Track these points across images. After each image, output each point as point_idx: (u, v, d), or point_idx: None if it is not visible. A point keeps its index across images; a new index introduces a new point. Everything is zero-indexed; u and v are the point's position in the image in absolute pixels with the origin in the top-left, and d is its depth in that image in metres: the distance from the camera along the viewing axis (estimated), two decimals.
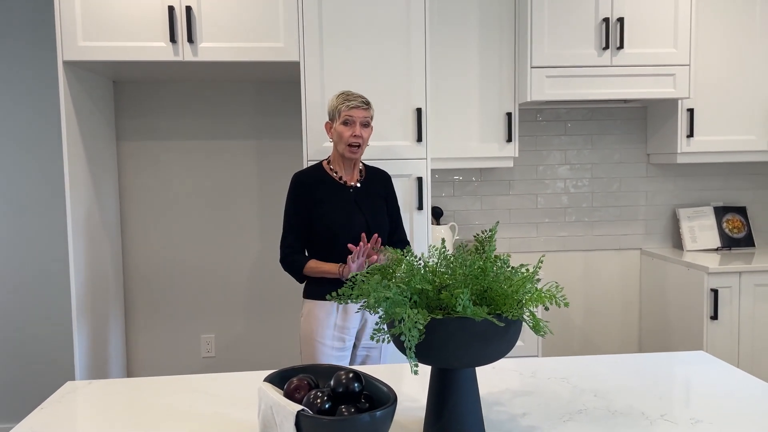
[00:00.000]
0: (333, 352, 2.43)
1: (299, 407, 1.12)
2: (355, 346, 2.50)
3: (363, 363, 2.54)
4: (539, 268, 1.23)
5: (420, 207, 2.84)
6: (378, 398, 1.22)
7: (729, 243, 3.58)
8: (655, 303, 3.55)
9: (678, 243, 3.67)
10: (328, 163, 2.43)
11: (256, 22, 2.80)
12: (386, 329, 1.20)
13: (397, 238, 2.52)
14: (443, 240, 1.44)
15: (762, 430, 1.30)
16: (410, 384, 1.61)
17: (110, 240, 3.27)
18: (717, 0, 3.28)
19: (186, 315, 3.53)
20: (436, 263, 1.28)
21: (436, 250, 1.27)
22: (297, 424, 1.12)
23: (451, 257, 1.23)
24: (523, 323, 1.39)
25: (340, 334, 2.42)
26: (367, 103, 2.35)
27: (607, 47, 3.10)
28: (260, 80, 3.45)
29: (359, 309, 1.26)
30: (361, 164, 2.45)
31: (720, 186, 3.70)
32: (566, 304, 1.11)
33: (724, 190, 3.70)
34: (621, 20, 3.09)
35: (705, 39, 3.29)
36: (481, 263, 1.23)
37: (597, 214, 3.66)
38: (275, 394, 1.19)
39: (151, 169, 3.45)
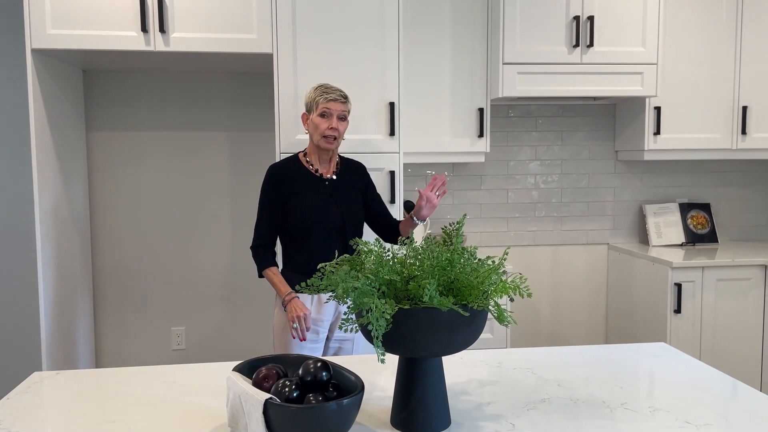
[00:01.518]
0: (307, 344, 2.44)
1: (267, 395, 1.14)
2: (328, 339, 2.51)
3: (336, 355, 2.56)
4: (504, 260, 1.26)
5: (392, 200, 2.86)
6: (346, 387, 1.24)
7: (693, 239, 3.67)
8: (621, 296, 3.63)
9: (644, 238, 3.75)
10: (305, 155, 2.43)
11: (229, 12, 2.78)
12: (354, 319, 1.22)
13: (387, 221, 2.54)
14: (412, 232, 1.46)
15: (715, 416, 1.35)
16: (381, 375, 1.63)
17: (79, 232, 3.23)
18: (684, 2, 3.35)
19: (156, 307, 3.51)
20: (405, 255, 1.30)
21: (405, 242, 1.29)
22: (265, 412, 1.13)
23: (419, 249, 1.25)
24: (489, 314, 1.42)
25: (314, 326, 2.43)
26: (345, 97, 2.35)
27: (577, 45, 3.15)
28: (233, 71, 3.43)
29: (328, 299, 1.28)
30: (337, 157, 2.46)
31: (685, 183, 3.79)
32: (529, 295, 1.14)
33: (689, 187, 3.79)
34: (591, 19, 3.15)
35: (672, 39, 3.36)
36: (448, 255, 1.26)
37: (566, 209, 3.73)
38: (243, 383, 1.20)
39: (121, 160, 3.41)
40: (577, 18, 3.14)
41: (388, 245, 2.56)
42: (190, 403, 1.44)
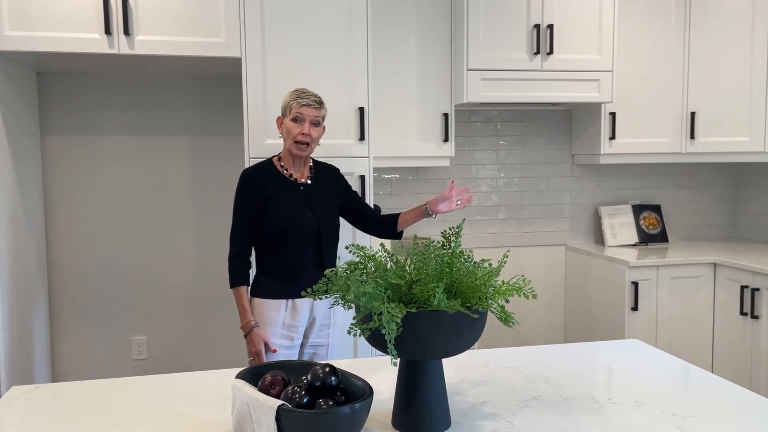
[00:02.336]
0: (281, 351, 2.43)
1: (279, 402, 1.14)
2: (302, 345, 2.51)
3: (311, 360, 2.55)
4: (504, 263, 1.29)
5: None
6: (353, 391, 1.25)
7: (646, 239, 3.83)
8: (579, 296, 3.75)
9: (600, 239, 3.89)
10: (279, 159, 2.42)
11: (196, 15, 2.74)
12: (360, 324, 1.23)
13: (373, 214, 2.57)
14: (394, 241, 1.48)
15: (698, 408, 1.43)
16: (373, 377, 1.65)
17: (34, 238, 3.12)
18: (637, 12, 3.50)
19: (115, 316, 3.41)
20: (405, 259, 1.32)
21: (413, 246, 1.31)
22: (277, 419, 1.13)
23: (423, 253, 1.27)
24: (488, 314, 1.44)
25: (289, 332, 2.42)
26: (320, 102, 2.34)
27: (538, 52, 3.25)
28: (198, 75, 3.38)
29: (332, 305, 1.28)
30: (311, 161, 2.46)
31: (637, 185, 3.95)
32: (534, 296, 1.18)
33: (641, 189, 3.96)
34: (551, 27, 3.25)
35: (626, 47, 3.51)
36: (449, 258, 1.29)
37: (525, 211, 3.83)
38: (252, 390, 1.19)
39: (78, 165, 3.31)
40: (537, 26, 3.24)
41: (389, 247, 2.60)
42: (188, 413, 1.42)
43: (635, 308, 3.31)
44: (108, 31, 2.65)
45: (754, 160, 3.48)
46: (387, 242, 3.42)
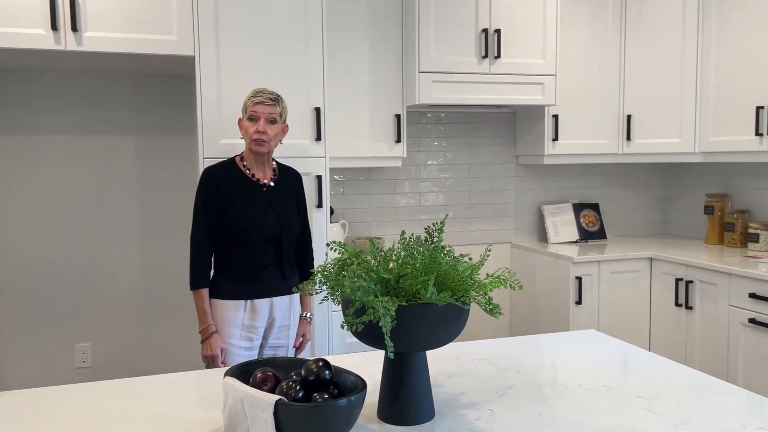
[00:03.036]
0: (240, 352, 2.42)
1: (277, 397, 1.15)
2: (261, 346, 2.50)
3: None
4: (487, 257, 1.35)
5: (319, 205, 2.89)
6: (344, 385, 1.27)
7: (586, 236, 4.00)
8: (524, 291, 3.88)
9: (543, 236, 4.04)
10: (241, 159, 2.40)
11: (148, 12, 2.69)
12: (353, 317, 1.26)
13: (304, 238, 2.55)
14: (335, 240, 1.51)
15: (660, 390, 1.53)
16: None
17: None
18: (578, 19, 3.66)
19: (57, 322, 3.29)
20: (390, 253, 1.35)
21: (401, 240, 1.34)
22: (275, 414, 1.14)
23: (410, 247, 1.31)
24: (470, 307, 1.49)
25: (248, 333, 2.41)
26: (274, 99, 2.33)
27: (486, 56, 3.35)
28: (145, 73, 3.30)
29: (322, 301, 1.30)
30: (274, 162, 2.45)
31: (577, 185, 4.13)
32: (520, 287, 1.24)
33: (580, 189, 4.13)
34: (498, 32, 3.36)
35: (568, 52, 3.66)
36: (433, 253, 1.33)
37: (473, 211, 3.93)
38: (246, 387, 1.20)
39: (19, 165, 3.17)
40: (485, 31, 3.34)
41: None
42: (170, 414, 1.40)
43: (579, 302, 3.46)
44: (54, 26, 2.56)
45: (684, 160, 3.70)
46: (340, 238, 3.44)
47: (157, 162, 3.38)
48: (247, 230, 2.34)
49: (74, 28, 2.58)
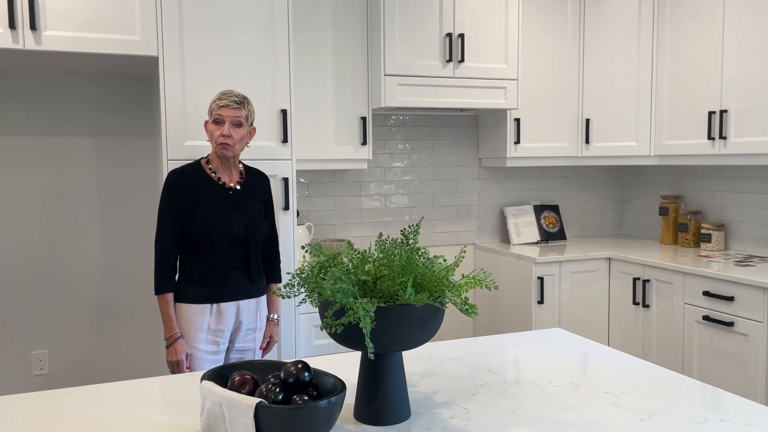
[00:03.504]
0: (207, 356, 2.39)
1: (257, 400, 1.15)
2: (228, 350, 2.48)
3: None
4: (462, 258, 1.37)
5: (286, 207, 2.88)
6: (323, 386, 1.28)
7: (546, 237, 4.09)
8: (488, 292, 3.94)
9: (505, 238, 4.11)
10: (207, 162, 2.38)
11: (110, 12, 2.63)
12: (331, 320, 1.26)
13: (272, 240, 2.54)
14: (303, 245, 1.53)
15: (626, 386, 1.58)
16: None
17: None
18: (539, 24, 3.75)
19: (13, 329, 3.19)
20: (366, 255, 1.37)
21: (378, 242, 1.36)
22: (256, 416, 1.14)
23: (388, 249, 1.32)
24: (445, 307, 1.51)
25: (214, 337, 2.39)
26: (240, 103, 2.31)
27: (450, 60, 3.39)
28: (110, 74, 3.23)
29: (300, 303, 1.31)
30: (240, 165, 2.43)
31: (538, 187, 4.21)
32: (496, 287, 1.27)
33: (541, 191, 4.22)
34: (462, 36, 3.41)
35: (530, 57, 3.74)
36: (409, 254, 1.35)
37: (437, 212, 3.97)
38: (225, 391, 1.19)
39: None
40: (449, 35, 3.38)
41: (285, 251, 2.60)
42: (146, 420, 1.39)
43: (541, 301, 3.53)
44: (12, 25, 2.49)
45: (640, 163, 3.82)
46: (306, 240, 3.43)
47: (118, 164, 3.31)
48: (213, 234, 2.31)
49: (33, 26, 2.52)
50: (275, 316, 2.56)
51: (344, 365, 1.76)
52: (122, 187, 3.32)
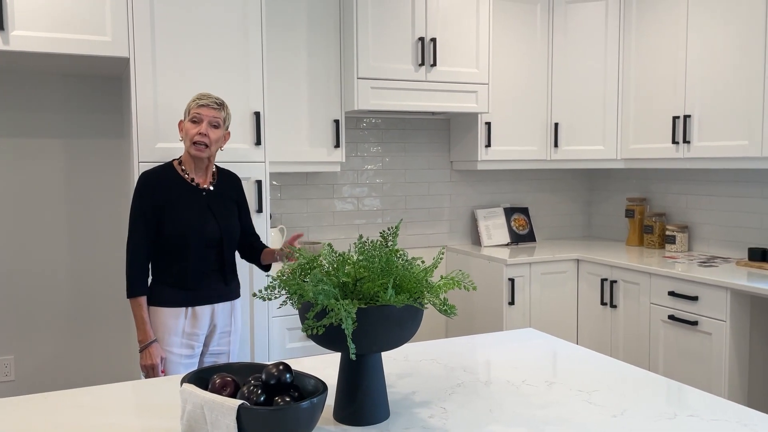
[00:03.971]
0: (181, 360, 2.38)
1: (240, 402, 1.15)
2: (202, 353, 2.46)
3: None
4: (440, 260, 1.40)
5: (260, 210, 2.87)
6: (304, 387, 1.29)
7: (516, 239, 4.15)
8: (459, 293, 3.98)
9: (476, 240, 4.16)
10: (180, 163, 2.36)
11: (80, 12, 2.60)
12: (313, 320, 1.27)
13: (250, 240, 2.54)
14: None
15: (598, 383, 1.62)
16: None
17: None
18: (509, 29, 3.81)
19: None
20: (346, 257, 1.38)
21: (357, 244, 1.37)
22: (238, 418, 1.14)
23: (368, 252, 1.34)
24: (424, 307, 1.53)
25: (189, 341, 2.38)
26: (219, 104, 2.32)
27: (422, 64, 3.43)
28: (79, 74, 3.18)
29: (281, 305, 1.31)
30: (213, 167, 2.42)
31: (508, 189, 4.27)
32: (474, 288, 1.29)
33: (511, 193, 4.28)
34: (434, 41, 3.44)
35: (501, 62, 3.80)
36: (388, 256, 1.37)
37: (409, 215, 4.00)
38: (207, 393, 1.19)
39: None
40: (422, 39, 3.42)
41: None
42: (125, 424, 1.38)
43: (512, 302, 3.58)
44: None
45: (607, 166, 3.90)
46: (279, 243, 3.43)
47: (87, 165, 3.26)
48: (187, 236, 2.30)
49: (1, 26, 2.47)
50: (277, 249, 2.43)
51: (321, 368, 1.77)
52: (91, 188, 3.27)
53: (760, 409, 2.95)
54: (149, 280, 2.35)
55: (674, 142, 3.45)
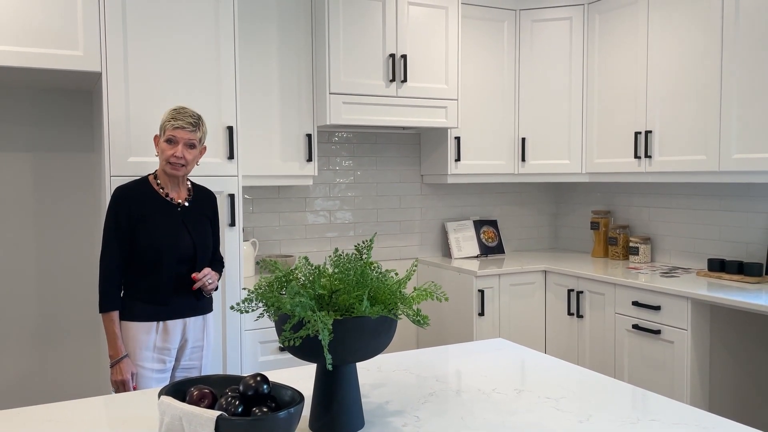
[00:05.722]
0: (153, 375, 2.37)
1: (218, 413, 1.17)
2: (174, 368, 2.46)
3: None
4: (413, 272, 1.44)
5: (232, 223, 2.89)
6: (281, 398, 1.31)
7: (486, 251, 4.23)
8: (430, 304, 4.03)
9: (447, 252, 4.22)
10: (155, 177, 2.37)
11: (51, 26, 2.60)
12: (289, 332, 1.31)
13: (216, 258, 2.56)
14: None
15: (565, 390, 1.68)
16: None
17: None
18: (478, 46, 3.90)
19: None
20: (322, 270, 1.42)
21: (332, 257, 1.41)
22: (217, 429, 1.17)
23: (343, 264, 1.38)
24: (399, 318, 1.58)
25: (160, 355, 2.38)
26: (195, 125, 2.32)
27: (393, 80, 3.49)
28: (48, 88, 3.16)
29: (258, 318, 1.34)
30: (188, 182, 2.43)
31: (477, 203, 4.35)
32: (446, 299, 1.34)
33: (480, 206, 4.36)
34: (405, 57, 3.51)
35: (469, 78, 3.88)
36: (363, 269, 1.41)
37: (381, 228, 4.05)
38: (185, 405, 1.21)
39: None
40: (392, 56, 3.48)
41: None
42: None
43: (482, 313, 3.64)
44: None
45: (573, 180, 4.01)
46: (251, 256, 3.44)
47: (56, 180, 3.23)
48: (161, 251, 2.31)
49: None
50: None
51: (297, 379, 1.80)
52: (60, 203, 3.24)
53: (721, 413, 3.05)
54: (121, 295, 2.34)
55: (636, 156, 3.57)
